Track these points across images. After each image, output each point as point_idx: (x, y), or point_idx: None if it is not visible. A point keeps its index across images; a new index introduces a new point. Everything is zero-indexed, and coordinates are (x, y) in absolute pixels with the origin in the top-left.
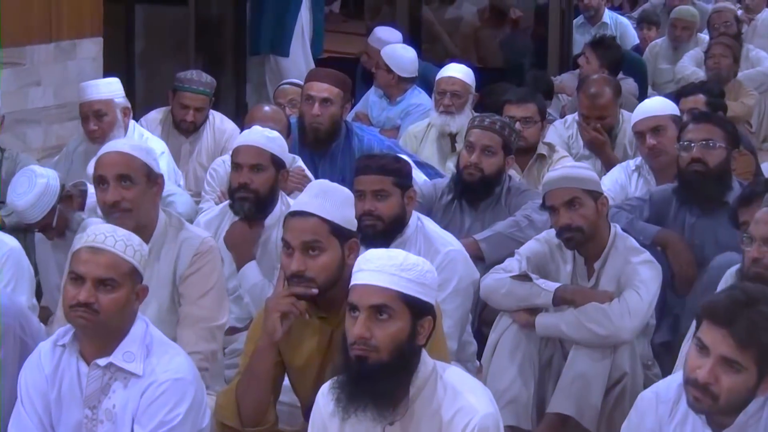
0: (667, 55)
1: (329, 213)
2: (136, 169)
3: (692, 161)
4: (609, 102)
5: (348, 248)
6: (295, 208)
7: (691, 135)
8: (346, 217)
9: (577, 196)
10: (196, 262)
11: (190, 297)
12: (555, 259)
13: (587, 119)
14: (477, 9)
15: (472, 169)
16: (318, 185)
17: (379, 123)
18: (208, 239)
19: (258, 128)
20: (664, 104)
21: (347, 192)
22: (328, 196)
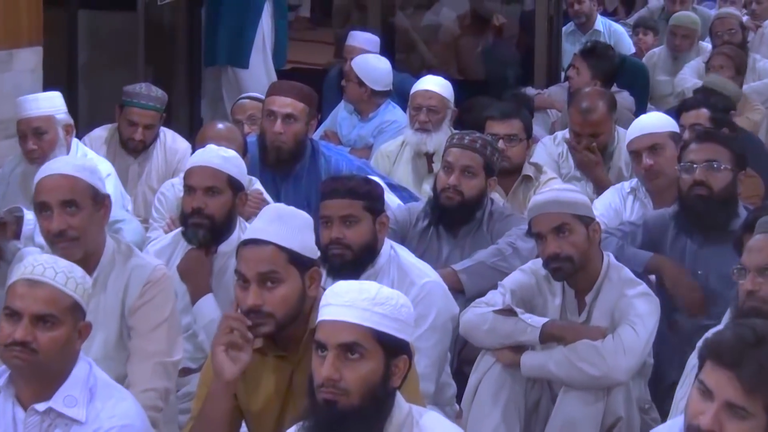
0: (665, 66)
1: (286, 240)
2: (81, 192)
3: (695, 184)
4: (603, 117)
5: (309, 278)
6: (249, 235)
7: (694, 155)
8: (306, 244)
9: (567, 222)
10: (147, 291)
11: (141, 330)
12: (542, 291)
13: (579, 137)
14: (457, 15)
15: (450, 192)
16: (273, 210)
17: (349, 142)
18: (160, 267)
19: (213, 147)
20: (661, 120)
21: (305, 216)
22: (285, 221)
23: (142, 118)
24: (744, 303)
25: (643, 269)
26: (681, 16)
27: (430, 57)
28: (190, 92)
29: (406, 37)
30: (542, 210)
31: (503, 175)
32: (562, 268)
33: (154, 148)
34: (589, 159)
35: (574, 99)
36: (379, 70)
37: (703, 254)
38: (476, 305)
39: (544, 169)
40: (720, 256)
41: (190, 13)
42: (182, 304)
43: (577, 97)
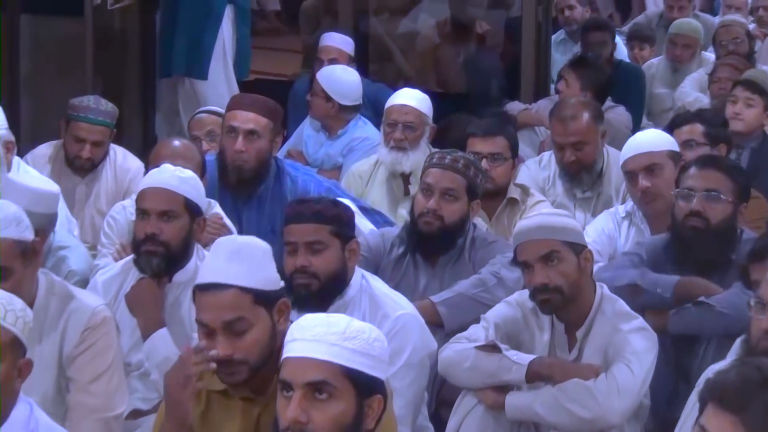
0: (664, 78)
1: (248, 279)
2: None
3: (691, 214)
4: (586, 127)
5: (277, 312)
6: (205, 278)
7: (693, 182)
8: (269, 277)
9: (556, 250)
10: (87, 338)
11: (81, 382)
12: (529, 325)
13: (562, 149)
14: (436, 22)
15: (429, 216)
16: (226, 245)
17: (316, 161)
18: (100, 309)
19: (168, 167)
20: (659, 138)
21: (262, 246)
22: (243, 256)
23: (90, 134)
24: (759, 341)
25: (672, 294)
26: (681, 23)
27: (407, 67)
28: (143, 106)
29: (380, 46)
30: (529, 236)
31: (487, 198)
32: (551, 300)
33: (104, 167)
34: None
35: (556, 108)
36: (347, 83)
37: None
38: (456, 341)
39: (531, 191)
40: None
41: (143, 18)
42: (133, 339)
43: (559, 106)
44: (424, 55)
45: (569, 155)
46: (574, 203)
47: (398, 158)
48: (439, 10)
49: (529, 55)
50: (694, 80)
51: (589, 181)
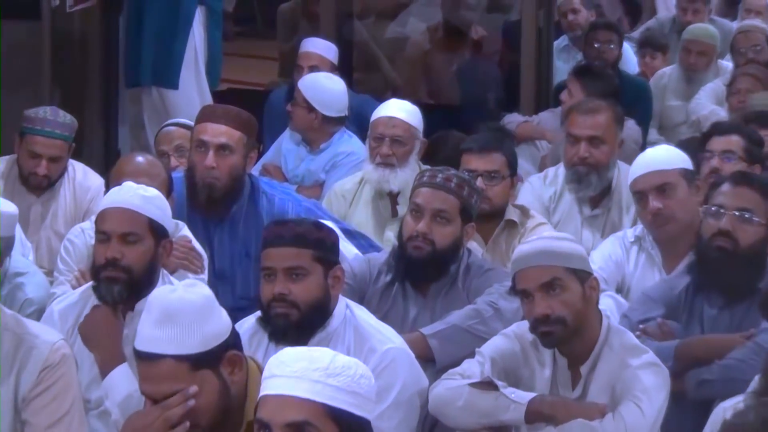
0: (677, 89)
1: (182, 346)
2: None
3: (719, 233)
4: (607, 124)
5: (226, 367)
6: (139, 344)
7: (724, 199)
8: (209, 335)
9: (558, 277)
10: (45, 378)
11: (37, 427)
12: (529, 360)
13: (576, 142)
14: (427, 27)
15: (419, 240)
16: (157, 305)
17: (295, 178)
18: (59, 345)
19: (131, 185)
20: (671, 155)
21: (198, 299)
22: (174, 319)
23: (46, 148)
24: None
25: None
26: (696, 29)
27: (395, 76)
28: (105, 117)
29: (365, 53)
30: (529, 263)
31: (482, 221)
32: (553, 333)
33: (61, 185)
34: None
35: (577, 103)
36: (332, 91)
37: (723, 320)
38: (449, 377)
39: (531, 212)
40: (743, 322)
41: (106, 22)
42: (92, 374)
43: (581, 101)
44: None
45: (583, 150)
46: (581, 221)
47: (385, 176)
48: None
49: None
50: (709, 91)
51: (598, 186)
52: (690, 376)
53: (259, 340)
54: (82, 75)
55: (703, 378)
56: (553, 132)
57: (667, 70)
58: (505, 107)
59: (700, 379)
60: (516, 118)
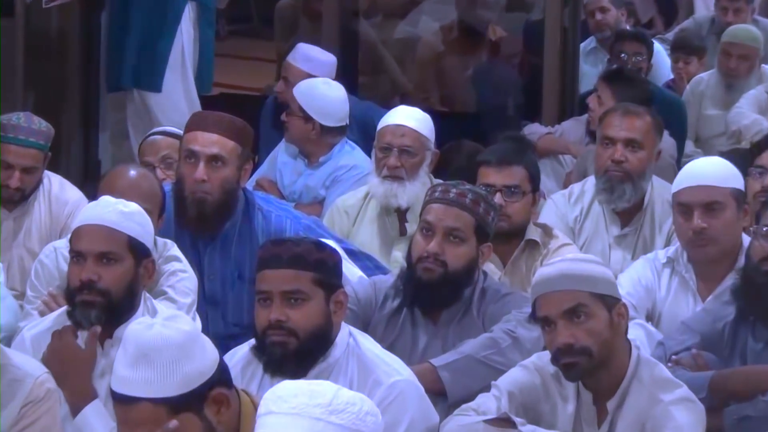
0: (716, 97)
1: (161, 388)
2: None
3: None
4: (647, 129)
5: (212, 406)
6: (114, 385)
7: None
8: (191, 375)
9: (583, 303)
10: (27, 414)
11: None
12: (550, 395)
13: (611, 143)
14: (440, 26)
15: (429, 261)
16: (132, 343)
17: (293, 194)
18: (43, 378)
19: (109, 200)
20: (725, 171)
21: (179, 336)
22: (153, 359)
23: (19, 158)
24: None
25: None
26: (737, 30)
27: (404, 81)
28: (84, 125)
29: (372, 55)
30: (551, 287)
31: (500, 240)
32: (577, 364)
33: (36, 198)
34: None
35: (612, 107)
36: (331, 99)
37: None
38: (462, 413)
39: (554, 232)
40: None
41: (86, 19)
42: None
43: (617, 105)
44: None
45: (619, 154)
46: (609, 242)
47: (392, 190)
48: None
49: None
50: (751, 99)
51: (632, 198)
52: (729, 412)
53: (253, 372)
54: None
55: (745, 414)
56: (578, 144)
57: (705, 75)
58: (526, 115)
59: (742, 416)
60: (537, 129)
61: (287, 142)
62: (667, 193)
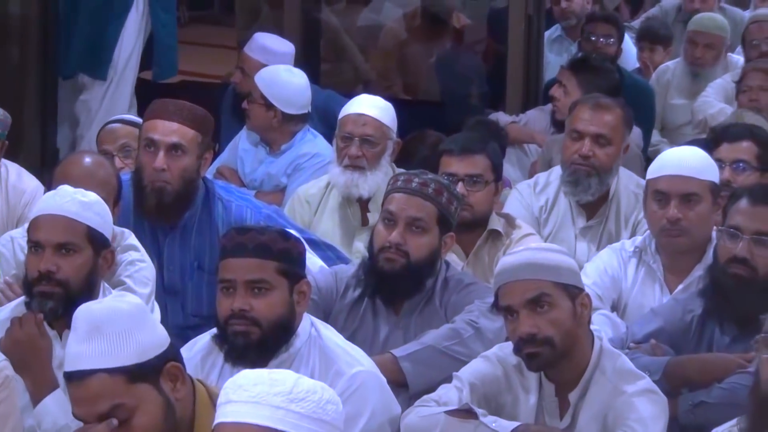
0: (682, 86)
1: (117, 357)
2: None
3: (735, 260)
4: (616, 124)
5: (168, 380)
6: (68, 364)
7: (742, 220)
8: (145, 345)
9: (546, 293)
10: None
11: None
12: (512, 386)
13: (579, 137)
14: (403, 13)
15: (391, 251)
16: (83, 319)
17: (254, 182)
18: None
19: (67, 189)
20: (704, 163)
21: (128, 307)
22: (105, 329)
23: None
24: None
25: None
26: (703, 18)
27: (367, 69)
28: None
29: (334, 42)
30: (514, 276)
31: (463, 230)
32: (540, 354)
33: None
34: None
35: (583, 99)
36: (293, 86)
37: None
38: (423, 404)
39: (517, 222)
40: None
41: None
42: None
43: (588, 96)
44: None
45: (587, 148)
46: (575, 233)
47: (354, 180)
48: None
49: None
50: (718, 88)
51: (597, 192)
52: (683, 398)
53: (214, 361)
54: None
55: (700, 400)
56: (542, 133)
57: (671, 64)
58: (490, 104)
59: (697, 402)
60: (501, 117)
61: (248, 129)
62: (633, 184)
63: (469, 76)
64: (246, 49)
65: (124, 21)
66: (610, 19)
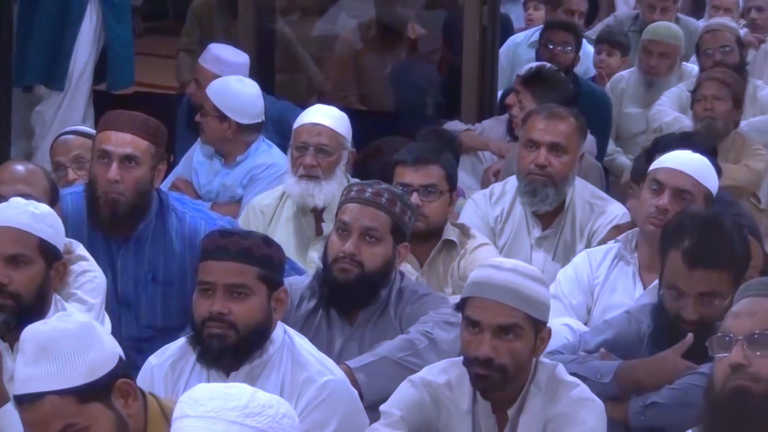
0: (637, 95)
1: (66, 378)
2: None
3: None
4: (571, 133)
5: (119, 397)
6: (17, 387)
7: (683, 284)
8: (95, 363)
9: (519, 325)
10: None
11: None
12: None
13: (534, 146)
14: (358, 24)
15: (346, 261)
16: (30, 341)
17: (209, 194)
18: None
19: (19, 201)
20: (708, 171)
21: (75, 327)
22: (53, 350)
23: None
24: (726, 381)
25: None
26: (658, 28)
27: (321, 79)
28: None
29: (289, 53)
30: (492, 295)
31: (417, 240)
32: (489, 378)
33: None
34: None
35: (537, 108)
36: (245, 95)
37: None
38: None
39: (472, 232)
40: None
41: None
42: None
43: (542, 106)
44: (344, 65)
45: (543, 158)
46: (530, 243)
47: (309, 189)
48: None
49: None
50: (673, 96)
51: (555, 201)
52: (634, 400)
53: (183, 367)
54: None
55: (651, 401)
56: (498, 144)
57: (625, 73)
58: (445, 114)
59: (648, 403)
60: (457, 126)
61: (203, 143)
62: (588, 194)
63: (424, 86)
64: (200, 61)
65: (78, 31)
66: (568, 27)
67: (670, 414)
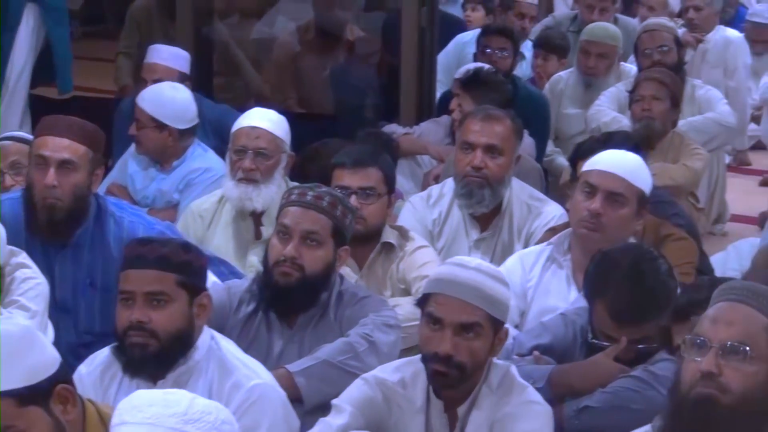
0: (575, 95)
1: (6, 381)
2: None
3: None
4: (507, 135)
5: (57, 403)
6: None
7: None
8: (34, 368)
9: (480, 324)
10: None
11: None
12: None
13: (471, 149)
14: (296, 26)
15: (286, 265)
16: None
17: (146, 199)
18: None
19: None
20: (640, 170)
21: (15, 331)
22: None
23: None
24: (692, 388)
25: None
26: (596, 28)
27: (260, 82)
28: None
29: (227, 56)
30: (456, 292)
31: (356, 243)
32: (447, 375)
33: None
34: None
35: (472, 111)
36: (181, 101)
37: None
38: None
39: (410, 234)
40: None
41: None
42: None
43: (477, 108)
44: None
45: (478, 160)
46: (468, 245)
47: (247, 193)
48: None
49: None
50: (611, 96)
51: (491, 203)
52: (568, 404)
53: (113, 374)
54: None
55: (584, 405)
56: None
57: (564, 74)
58: (384, 116)
59: (581, 407)
60: (395, 129)
61: (140, 154)
62: (525, 195)
63: (363, 88)
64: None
65: (15, 36)
66: (504, 32)
67: (603, 417)
